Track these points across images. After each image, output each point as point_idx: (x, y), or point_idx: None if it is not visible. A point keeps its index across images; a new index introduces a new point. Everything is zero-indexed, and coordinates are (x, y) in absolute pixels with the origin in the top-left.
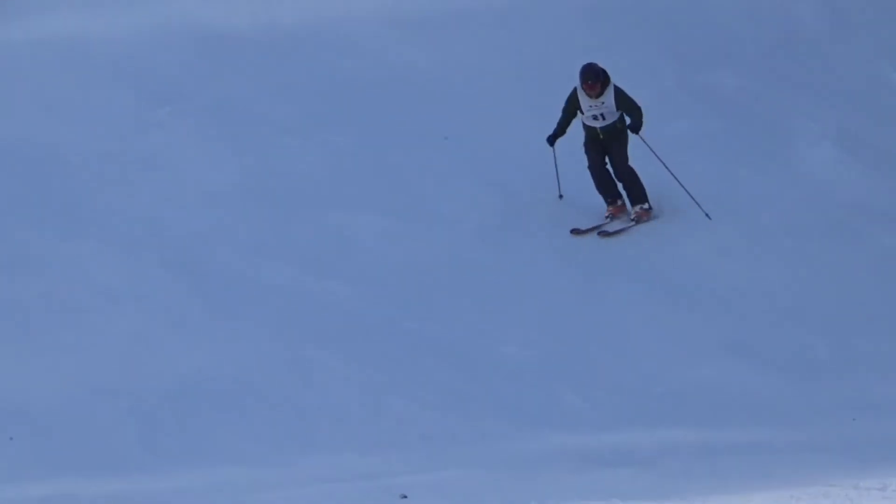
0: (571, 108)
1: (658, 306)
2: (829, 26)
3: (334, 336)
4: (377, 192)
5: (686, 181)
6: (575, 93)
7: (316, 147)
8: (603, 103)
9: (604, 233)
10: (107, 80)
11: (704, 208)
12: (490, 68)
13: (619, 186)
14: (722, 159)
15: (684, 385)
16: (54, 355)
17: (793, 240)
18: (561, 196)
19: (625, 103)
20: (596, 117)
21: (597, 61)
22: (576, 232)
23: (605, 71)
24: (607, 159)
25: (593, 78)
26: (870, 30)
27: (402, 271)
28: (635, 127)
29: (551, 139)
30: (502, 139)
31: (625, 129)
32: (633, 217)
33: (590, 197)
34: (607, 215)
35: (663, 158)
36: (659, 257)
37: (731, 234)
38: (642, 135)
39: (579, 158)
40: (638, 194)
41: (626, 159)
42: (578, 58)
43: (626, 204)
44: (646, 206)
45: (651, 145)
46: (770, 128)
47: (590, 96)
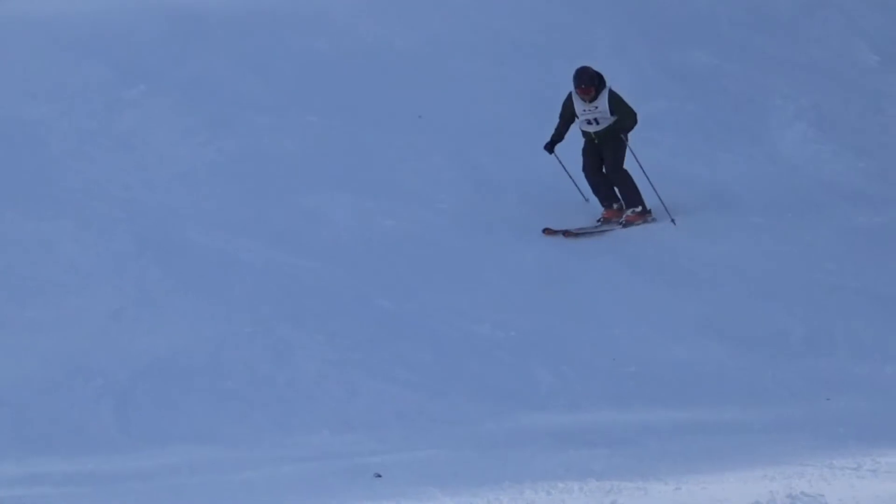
0: (567, 113)
1: (632, 286)
2: (803, 5)
3: (309, 315)
4: (351, 170)
5: (660, 160)
6: (570, 97)
7: (290, 126)
8: (597, 107)
9: (568, 232)
10: (81, 58)
11: (672, 214)
12: (464, 47)
13: (617, 191)
14: (696, 139)
15: (658, 365)
16: (27, 334)
17: (767, 218)
18: (587, 199)
19: (620, 108)
20: (590, 122)
21: (585, 58)
22: (548, 231)
23: (601, 75)
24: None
25: (587, 82)
26: (843, 9)
27: (376, 250)
28: (621, 127)
29: (549, 146)
30: (477, 118)
31: (621, 136)
32: (624, 220)
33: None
34: (600, 219)
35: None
36: (633, 238)
37: (705, 215)
38: (629, 138)
39: (577, 159)
40: (631, 197)
41: (620, 162)
42: (554, 37)
43: (621, 206)
44: (639, 208)
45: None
46: (744, 107)
47: (583, 100)
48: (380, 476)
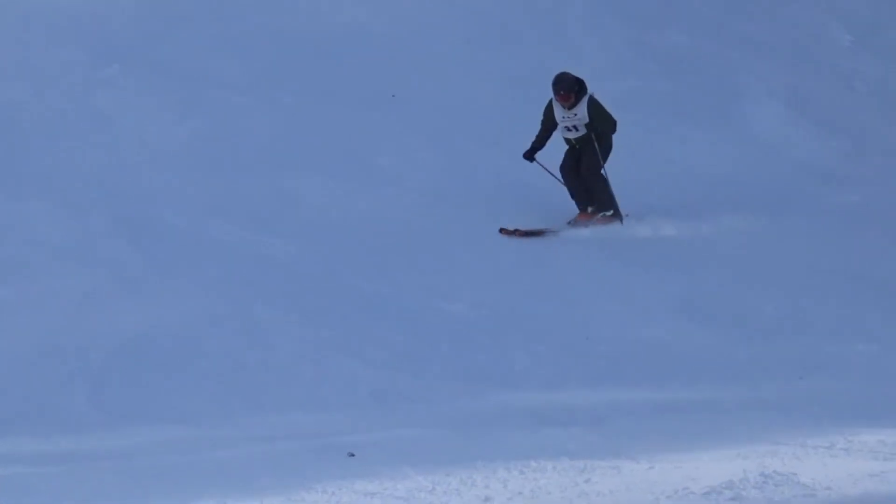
0: (548, 120)
1: (606, 267)
2: None
3: (282, 295)
4: (325, 150)
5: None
6: (550, 104)
7: (264, 106)
8: (576, 115)
9: (520, 231)
10: (54, 38)
11: (623, 212)
12: (438, 27)
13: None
14: (669, 118)
15: (632, 344)
16: (1, 314)
17: (740, 198)
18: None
19: (599, 116)
20: (569, 128)
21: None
22: (504, 231)
23: (581, 81)
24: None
25: (566, 88)
26: None
27: (349, 230)
28: (600, 134)
29: (529, 154)
30: (451, 98)
31: (601, 142)
32: (594, 223)
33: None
34: (570, 221)
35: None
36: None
37: (678, 195)
38: (603, 149)
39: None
40: (603, 202)
41: (597, 167)
42: (528, 16)
43: (597, 210)
44: (609, 212)
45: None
46: (717, 86)
47: (563, 107)
48: (353, 455)
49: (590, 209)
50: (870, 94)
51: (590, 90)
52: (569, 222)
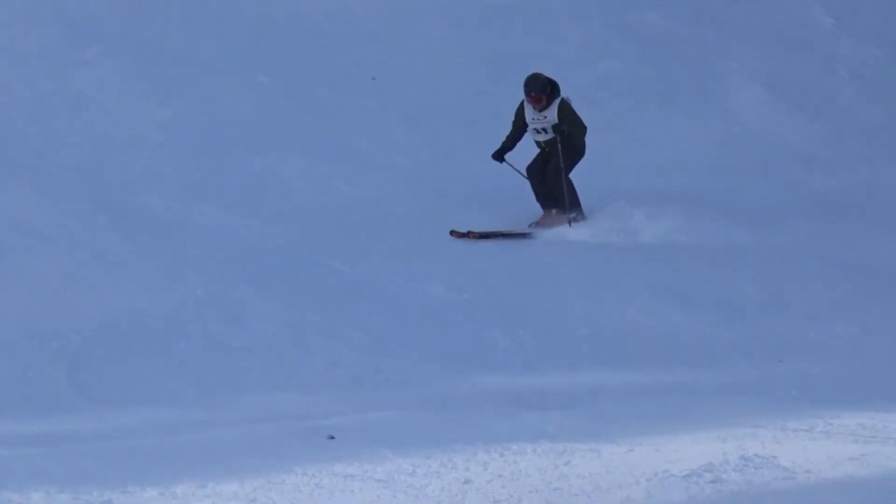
0: (519, 120)
1: (587, 251)
2: None
3: (263, 277)
4: (305, 133)
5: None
6: (522, 104)
7: (244, 88)
8: (545, 117)
9: (474, 234)
10: (33, 20)
11: (570, 217)
12: (418, 10)
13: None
14: (649, 101)
15: (612, 327)
16: None
17: (721, 181)
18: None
19: (569, 120)
20: (539, 131)
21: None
22: (455, 234)
23: (554, 83)
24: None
25: (537, 89)
26: None
27: (330, 213)
28: (567, 136)
29: (498, 154)
30: (431, 80)
31: (570, 146)
32: (535, 222)
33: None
34: (532, 223)
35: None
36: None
37: (657, 178)
38: (572, 153)
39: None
40: (564, 205)
41: (562, 170)
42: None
43: (560, 211)
44: (573, 215)
45: (578, 88)
46: (698, 69)
47: (534, 108)
48: (333, 438)
49: (554, 212)
50: (850, 78)
51: (563, 94)
52: (531, 224)
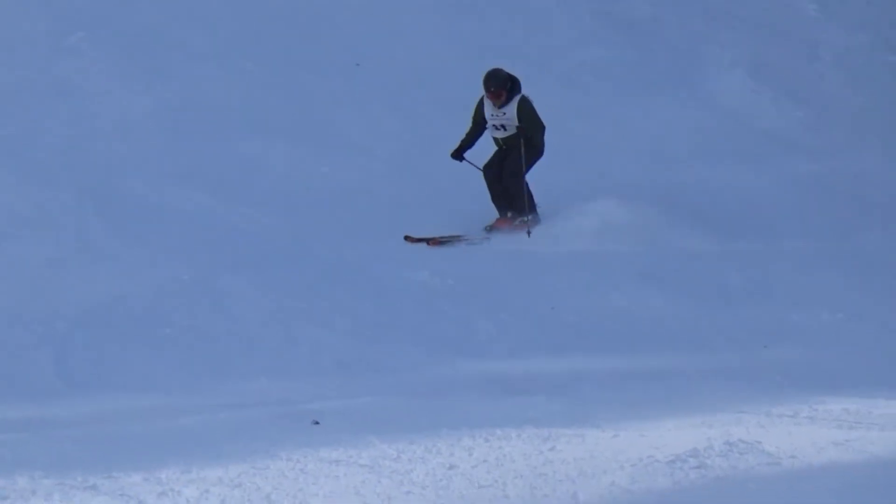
0: (478, 117)
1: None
2: None
3: (247, 263)
4: (289, 118)
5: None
6: (482, 100)
7: (228, 73)
8: (505, 114)
9: (434, 240)
10: (18, 5)
11: (523, 220)
12: None
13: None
14: (634, 87)
15: (596, 313)
16: None
17: (705, 167)
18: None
19: (527, 119)
20: (497, 127)
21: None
22: (410, 239)
23: (514, 78)
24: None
25: (497, 85)
26: None
27: (314, 198)
28: (527, 136)
29: (456, 153)
30: (415, 66)
31: (529, 145)
32: (491, 226)
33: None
34: (487, 227)
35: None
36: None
37: (641, 163)
38: (529, 154)
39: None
40: (519, 207)
41: (518, 171)
42: None
43: (515, 215)
44: (527, 218)
45: (562, 74)
46: (682, 55)
47: (493, 104)
48: (318, 423)
49: (508, 214)
50: (834, 64)
51: (523, 91)
52: (486, 227)
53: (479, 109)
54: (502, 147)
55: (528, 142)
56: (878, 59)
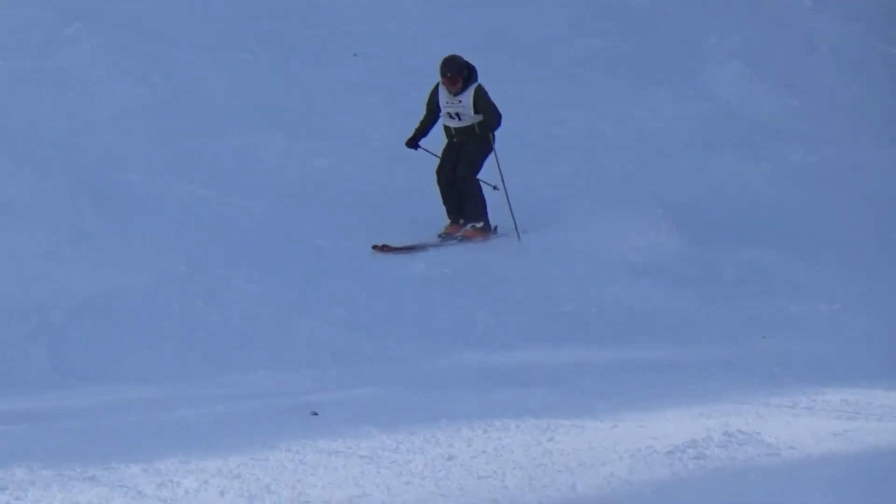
0: (431, 103)
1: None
2: None
3: (243, 254)
4: (285, 109)
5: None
6: (436, 87)
7: (224, 64)
8: (460, 101)
9: (390, 248)
10: None
11: (520, 230)
12: None
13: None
14: (631, 77)
15: (594, 304)
16: None
17: (701, 158)
18: (495, 188)
19: (484, 107)
20: (452, 116)
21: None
22: (376, 248)
23: (472, 67)
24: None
25: (453, 71)
26: None
27: (310, 189)
28: (487, 125)
29: (411, 141)
30: (411, 57)
31: (483, 137)
32: (461, 235)
33: None
34: (440, 234)
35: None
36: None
37: (638, 154)
38: (494, 143)
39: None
40: (473, 211)
41: (472, 170)
42: None
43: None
44: (479, 224)
45: (559, 65)
46: (678, 46)
47: (449, 91)
48: (316, 414)
49: (461, 220)
50: (831, 55)
51: (479, 80)
52: (439, 235)
53: (434, 96)
54: (454, 139)
55: (483, 135)
56: (875, 50)
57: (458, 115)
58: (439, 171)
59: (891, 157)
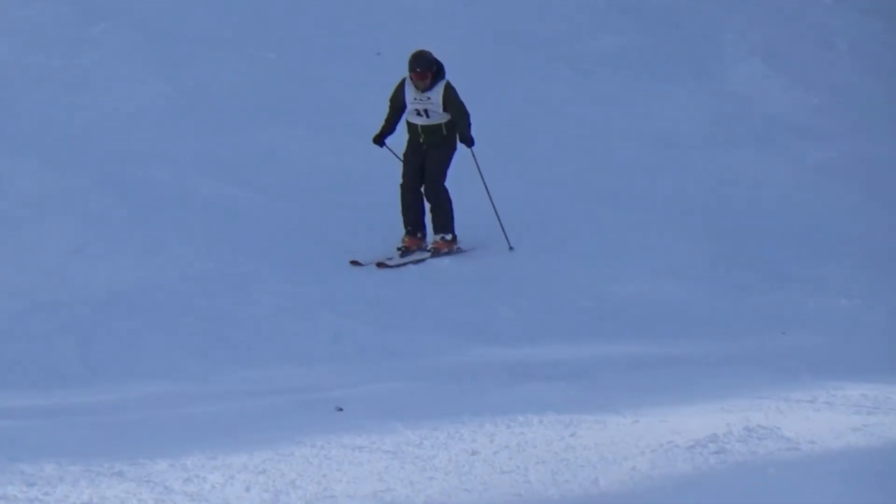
0: (396, 100)
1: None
2: None
3: (268, 250)
4: (309, 106)
5: (612, 94)
6: (403, 83)
7: (248, 62)
8: (429, 98)
9: (382, 264)
10: None
11: (510, 240)
12: None
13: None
14: (649, 73)
15: (615, 299)
16: None
17: (718, 154)
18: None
19: (452, 105)
20: (420, 112)
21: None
22: (355, 263)
23: (440, 63)
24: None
25: (422, 66)
26: None
27: (333, 185)
28: (464, 139)
29: (377, 139)
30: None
31: (451, 140)
32: (431, 247)
33: None
34: (400, 247)
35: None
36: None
37: (656, 150)
38: (474, 150)
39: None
40: (443, 222)
41: (441, 176)
42: None
43: (425, 235)
44: (448, 236)
45: (578, 62)
46: (696, 42)
47: (417, 87)
48: (341, 409)
49: (419, 235)
50: (849, 51)
51: (447, 77)
52: (398, 248)
53: (399, 93)
54: (419, 137)
55: (450, 136)
56: (893, 47)
57: (426, 111)
58: (404, 177)
59: None
